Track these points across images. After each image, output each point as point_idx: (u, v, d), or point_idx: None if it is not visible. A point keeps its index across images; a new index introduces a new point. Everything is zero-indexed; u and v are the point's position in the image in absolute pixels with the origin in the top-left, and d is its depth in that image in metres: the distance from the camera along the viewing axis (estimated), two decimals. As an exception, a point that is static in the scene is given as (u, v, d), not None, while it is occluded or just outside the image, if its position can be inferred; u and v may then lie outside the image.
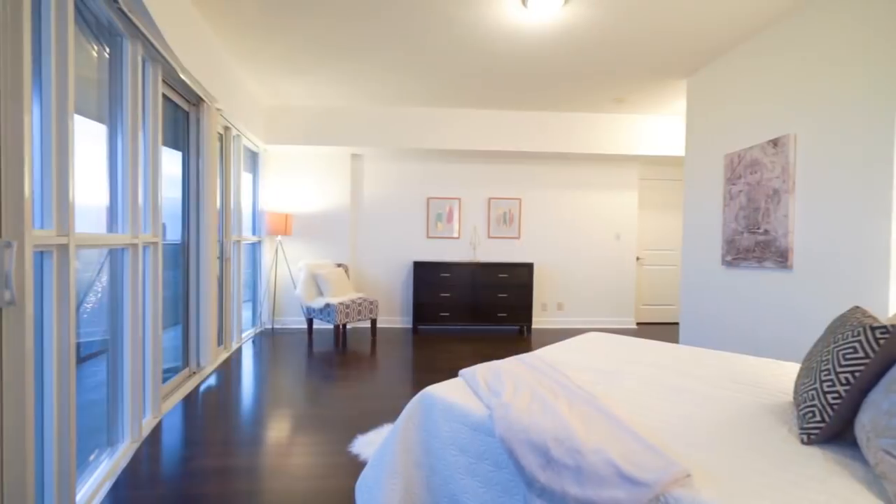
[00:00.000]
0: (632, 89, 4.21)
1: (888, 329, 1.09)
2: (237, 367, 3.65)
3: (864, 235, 2.30)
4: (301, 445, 2.24)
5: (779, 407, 1.45)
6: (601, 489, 1.02)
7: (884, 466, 0.95)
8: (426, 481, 1.47)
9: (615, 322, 5.65)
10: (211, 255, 3.18)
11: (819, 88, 2.58)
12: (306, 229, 5.27)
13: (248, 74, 3.99)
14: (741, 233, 3.14)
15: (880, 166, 2.21)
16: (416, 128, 4.94)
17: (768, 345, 2.92)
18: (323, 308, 4.50)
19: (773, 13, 2.80)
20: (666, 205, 5.87)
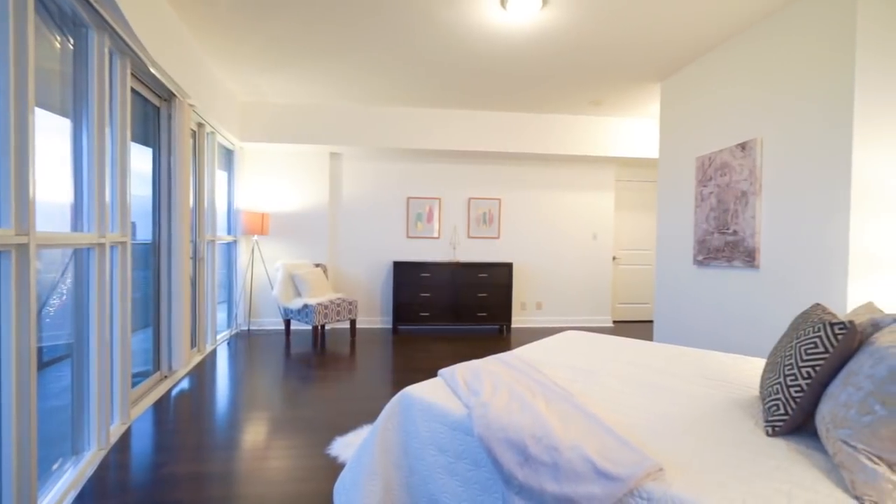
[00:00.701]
0: (608, 92, 4.29)
1: (846, 325, 1.15)
2: (211, 369, 3.56)
3: (824, 235, 2.41)
4: (278, 449, 2.20)
5: (746, 401, 1.51)
6: (577, 485, 1.04)
7: (841, 456, 0.99)
8: (405, 482, 1.46)
9: (593, 320, 5.76)
10: (184, 255, 3.09)
11: (783, 95, 2.69)
12: (284, 229, 5.18)
13: (223, 70, 3.89)
14: (712, 233, 3.24)
15: (839, 169, 2.32)
16: (396, 127, 4.91)
17: (737, 341, 3.03)
18: (301, 309, 4.43)
19: (741, 23, 2.90)
20: (641, 206, 6.02)
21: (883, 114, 2.25)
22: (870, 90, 2.24)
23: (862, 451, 0.95)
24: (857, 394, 1.02)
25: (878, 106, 2.25)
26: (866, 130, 2.25)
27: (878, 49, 2.24)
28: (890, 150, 2.25)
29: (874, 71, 2.24)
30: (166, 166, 3.10)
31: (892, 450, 0.92)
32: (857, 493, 0.93)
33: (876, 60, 2.24)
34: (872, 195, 2.26)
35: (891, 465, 0.92)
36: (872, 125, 2.25)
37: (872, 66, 2.24)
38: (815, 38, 2.48)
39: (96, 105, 2.12)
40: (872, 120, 2.25)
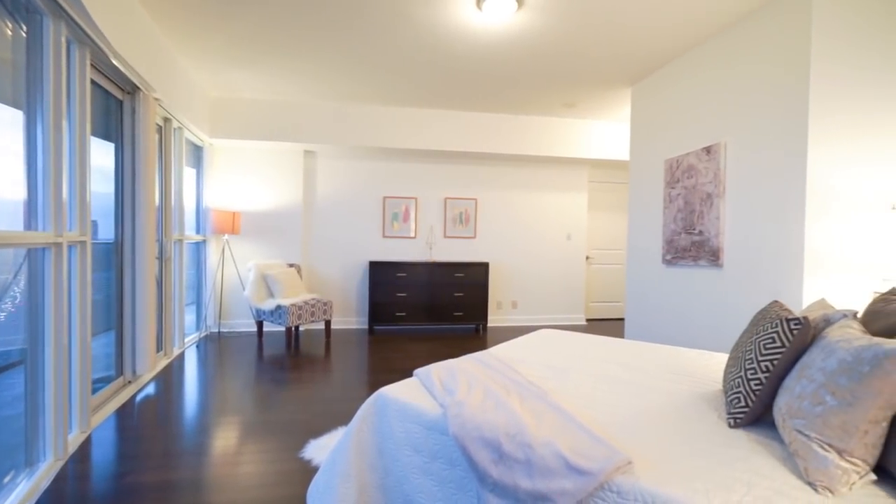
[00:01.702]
0: (581, 95, 4.38)
1: (800, 321, 1.21)
2: (179, 373, 3.44)
3: (781, 236, 2.53)
4: (249, 454, 2.15)
5: (710, 395, 1.57)
6: (550, 481, 1.06)
7: (796, 445, 1.05)
8: (380, 483, 1.45)
9: (567, 319, 5.87)
10: (149, 255, 2.97)
11: (744, 102, 2.81)
12: (256, 228, 5.05)
13: (192, 64, 3.76)
14: (679, 233, 3.36)
15: (795, 173, 2.45)
16: (372, 126, 4.87)
17: (702, 337, 3.15)
18: (274, 310, 4.34)
19: (706, 32, 3.02)
20: (613, 206, 6.18)
21: (835, 121, 2.38)
22: (823, 99, 2.37)
23: (814, 440, 1.01)
24: (810, 386, 1.08)
25: (830, 114, 2.38)
26: (819, 137, 2.37)
27: (830, 61, 2.37)
28: (840, 156, 2.38)
29: (827, 81, 2.37)
30: (130, 162, 2.97)
31: (842, 437, 0.98)
32: (810, 479, 0.98)
33: (829, 72, 2.37)
34: (825, 198, 2.39)
35: (840, 452, 0.97)
36: (825, 132, 2.38)
37: (825, 76, 2.37)
38: (773, 50, 2.61)
39: (52, 97, 2.01)
40: (825, 127, 2.38)
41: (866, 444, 0.96)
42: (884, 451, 0.98)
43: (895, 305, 1.35)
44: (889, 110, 2.40)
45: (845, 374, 1.01)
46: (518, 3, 2.71)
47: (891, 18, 2.38)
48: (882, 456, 0.99)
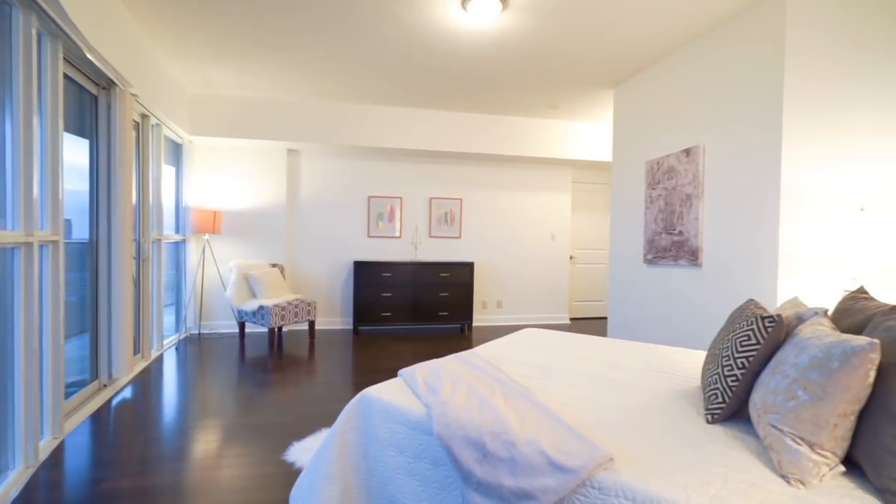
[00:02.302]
0: (565, 97, 4.43)
1: (774, 319, 1.25)
2: (157, 376, 3.36)
3: (757, 236, 2.61)
4: (231, 457, 2.11)
5: (689, 391, 1.60)
6: (533, 478, 1.07)
7: (770, 439, 1.08)
8: (364, 484, 1.44)
9: (551, 318, 5.93)
10: (125, 255, 2.89)
11: (723, 105, 2.88)
12: (237, 227, 4.96)
13: (171, 58, 3.67)
14: (660, 234, 3.42)
15: (770, 176, 2.52)
16: (356, 124, 4.83)
17: (682, 335, 3.22)
18: (256, 310, 4.27)
19: (686, 37, 3.08)
20: (596, 207, 6.26)
21: (807, 125, 2.46)
22: (796, 104, 2.45)
23: (787, 434, 1.04)
24: (783, 381, 1.11)
25: (802, 118, 2.46)
26: (793, 140, 2.45)
27: (803, 67, 2.45)
28: (812, 158, 2.47)
29: (799, 87, 2.45)
30: (105, 159, 2.89)
31: (813, 431, 1.01)
32: (783, 472, 1.01)
33: (801, 77, 2.45)
34: (798, 199, 2.47)
35: (811, 445, 1.01)
36: (798, 135, 2.46)
37: (798, 83, 2.45)
38: (749, 55, 2.68)
39: (22, 91, 1.94)
40: (798, 130, 2.46)
41: (836, 438, 1.00)
42: (852, 444, 1.02)
43: (862, 303, 1.41)
44: (858, 114, 2.49)
45: (816, 370, 1.04)
46: (503, 5, 2.72)
47: (860, 28, 2.47)
48: (850, 448, 1.02)
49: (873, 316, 1.25)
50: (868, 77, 2.49)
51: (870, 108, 2.49)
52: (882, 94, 2.50)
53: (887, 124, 2.51)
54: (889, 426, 0.94)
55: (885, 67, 2.50)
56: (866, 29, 2.47)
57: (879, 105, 2.50)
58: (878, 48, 2.49)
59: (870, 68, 2.49)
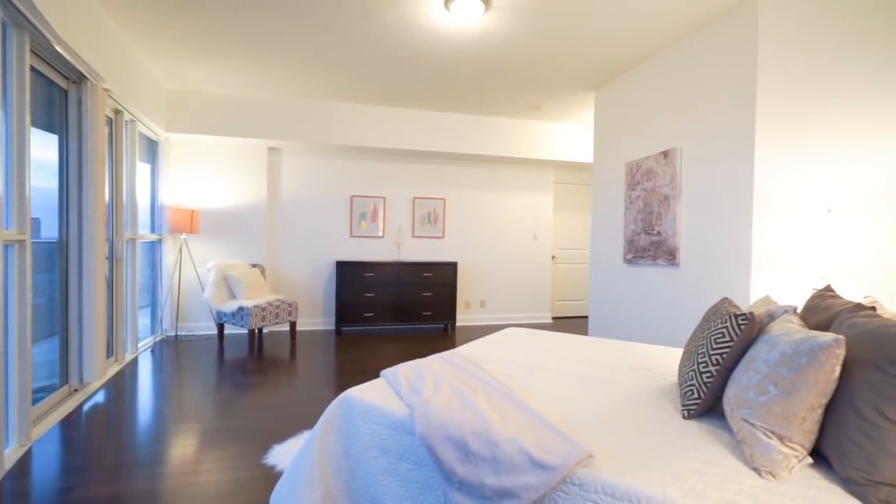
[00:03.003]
0: (547, 98, 4.48)
1: (747, 316, 1.29)
2: (132, 380, 3.26)
3: (732, 236, 2.69)
4: (209, 462, 2.06)
5: (667, 388, 1.64)
6: (515, 476, 1.08)
7: (743, 433, 1.11)
8: (346, 486, 1.43)
9: (533, 317, 5.98)
10: (98, 255, 2.80)
11: (699, 109, 2.96)
12: (216, 227, 4.86)
13: (146, 53, 3.57)
14: (639, 234, 3.49)
15: (743, 177, 2.60)
16: (339, 123, 4.79)
17: (661, 333, 3.29)
18: (236, 311, 4.18)
19: (664, 41, 3.15)
20: (578, 207, 6.35)
21: (778, 129, 2.54)
22: (768, 108, 2.53)
23: (759, 428, 1.07)
24: (755, 377, 1.15)
25: (774, 122, 2.54)
26: (765, 143, 2.53)
27: (775, 73, 2.53)
28: (783, 161, 2.55)
29: (772, 92, 2.53)
30: (77, 156, 2.79)
31: (783, 425, 1.05)
32: (755, 465, 1.05)
33: (774, 84, 2.53)
34: (770, 200, 2.55)
35: (781, 438, 1.04)
36: (770, 139, 2.54)
37: (770, 88, 2.53)
38: (724, 60, 2.76)
39: (-14, 84, 1.86)
40: (770, 134, 2.54)
41: (804, 431, 1.04)
42: (819, 436, 1.06)
43: (829, 301, 1.46)
44: (825, 119, 2.58)
45: (786, 366, 1.08)
46: (485, 6, 2.73)
47: (828, 36, 2.57)
48: (817, 440, 1.07)
49: (839, 313, 1.30)
50: (835, 82, 2.59)
51: (837, 112, 2.59)
52: (848, 98, 2.60)
53: (853, 126, 2.61)
54: (853, 419, 0.98)
55: (851, 73, 2.60)
56: (834, 38, 2.57)
57: (846, 109, 2.60)
58: (845, 55, 2.59)
59: (837, 74, 2.59)
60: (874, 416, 0.94)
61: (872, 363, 0.99)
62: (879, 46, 2.61)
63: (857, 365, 1.02)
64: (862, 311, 1.21)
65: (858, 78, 2.61)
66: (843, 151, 2.60)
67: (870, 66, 2.61)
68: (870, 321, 1.11)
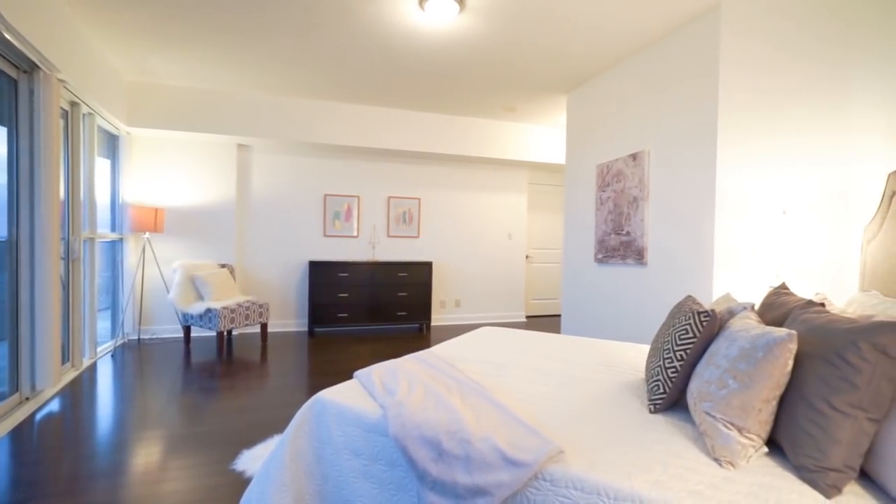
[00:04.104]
0: (521, 100, 4.54)
1: (709, 313, 1.34)
2: (90, 386, 3.10)
3: (696, 236, 2.80)
4: (174, 469, 1.99)
5: (634, 383, 1.69)
6: (487, 474, 1.09)
7: (705, 425, 1.16)
8: (318, 490, 1.41)
9: (508, 316, 6.05)
10: (52, 256, 2.65)
11: (665, 113, 3.06)
12: (182, 226, 4.68)
13: (105, 43, 3.40)
14: (609, 234, 3.59)
15: (706, 180, 2.71)
16: (312, 120, 4.70)
17: (630, 330, 3.39)
18: (203, 313, 4.05)
19: (633, 47, 3.25)
20: (551, 207, 6.46)
21: (738, 134, 2.66)
22: (728, 113, 2.65)
23: (719, 420, 1.12)
24: (716, 371, 1.20)
25: (734, 126, 2.66)
26: (726, 147, 2.65)
27: (735, 81, 2.65)
28: (742, 165, 2.67)
29: (732, 97, 2.65)
30: (28, 150, 2.63)
31: (741, 416, 1.10)
32: (715, 455, 1.09)
33: (734, 88, 2.65)
34: (730, 202, 2.67)
35: (740, 429, 1.09)
36: (731, 143, 2.66)
37: (731, 95, 2.65)
38: (688, 67, 2.86)
39: (-76, 72, 1.73)
40: (731, 139, 2.66)
41: (760, 422, 1.09)
42: (773, 427, 1.12)
43: (784, 298, 1.54)
44: (782, 124, 2.72)
45: (744, 360, 1.13)
46: (460, 6, 2.74)
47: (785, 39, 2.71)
48: (772, 431, 1.12)
49: (792, 310, 1.37)
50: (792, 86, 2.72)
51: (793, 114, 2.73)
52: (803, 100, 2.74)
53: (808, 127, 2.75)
54: (804, 409, 1.04)
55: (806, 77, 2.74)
56: (790, 44, 2.71)
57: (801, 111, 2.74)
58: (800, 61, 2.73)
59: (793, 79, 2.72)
60: (823, 406, 1.00)
61: (821, 356, 1.05)
62: (832, 52, 2.76)
63: (807, 358, 1.08)
64: (812, 307, 1.28)
65: (813, 82, 2.75)
66: (799, 152, 2.74)
67: (823, 70, 2.76)
68: (819, 317, 1.17)
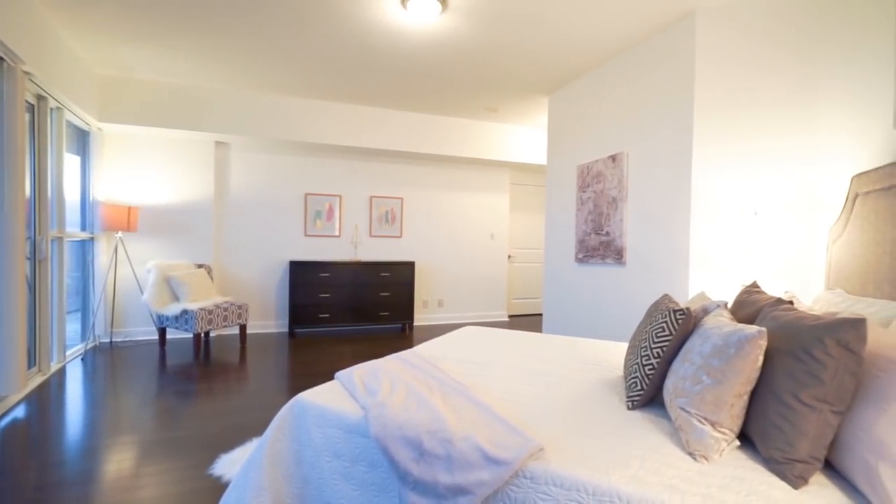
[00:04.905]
0: (503, 101, 4.57)
1: (684, 311, 1.38)
2: (58, 392, 2.99)
3: (672, 236, 2.87)
4: (149, 476, 1.93)
5: (613, 381, 1.73)
6: (469, 473, 1.09)
7: (680, 420, 1.19)
8: (298, 493, 1.39)
9: (490, 315, 6.08)
10: (16, 255, 2.54)
11: (644, 116, 3.13)
12: (157, 225, 4.55)
13: (74, 35, 3.28)
14: (589, 234, 3.64)
15: (682, 181, 2.78)
16: (293, 118, 4.63)
17: (609, 328, 3.45)
18: (179, 315, 3.94)
19: (613, 50, 3.31)
20: (533, 208, 6.52)
21: (713, 137, 2.74)
22: (704, 116, 2.72)
23: (694, 415, 1.15)
24: (690, 368, 1.23)
25: (710, 129, 2.73)
26: (701, 149, 2.72)
27: (709, 85, 2.73)
28: (716, 167, 2.75)
29: (707, 100, 2.73)
30: (-10, 146, 2.51)
31: (714, 411, 1.13)
32: (690, 449, 1.12)
33: (708, 95, 2.73)
34: (705, 203, 2.74)
35: (713, 424, 1.12)
36: (705, 146, 2.73)
37: (706, 99, 2.72)
38: (665, 70, 2.93)
39: None
40: (705, 142, 2.73)
41: (732, 416, 1.13)
42: (745, 421, 1.16)
43: (755, 297, 1.60)
44: (754, 126, 2.81)
45: (717, 356, 1.17)
46: (442, 6, 2.74)
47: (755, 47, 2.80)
48: (744, 425, 1.16)
49: (763, 307, 1.42)
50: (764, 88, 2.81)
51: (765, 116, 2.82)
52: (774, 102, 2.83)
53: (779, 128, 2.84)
54: (774, 403, 1.08)
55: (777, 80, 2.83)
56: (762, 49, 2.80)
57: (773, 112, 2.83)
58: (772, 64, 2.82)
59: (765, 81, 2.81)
60: (791, 400, 1.04)
61: (789, 352, 1.09)
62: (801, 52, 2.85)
63: (777, 354, 1.12)
64: (781, 305, 1.33)
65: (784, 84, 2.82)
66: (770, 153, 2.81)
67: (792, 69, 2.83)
68: (787, 314, 1.22)
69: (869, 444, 0.94)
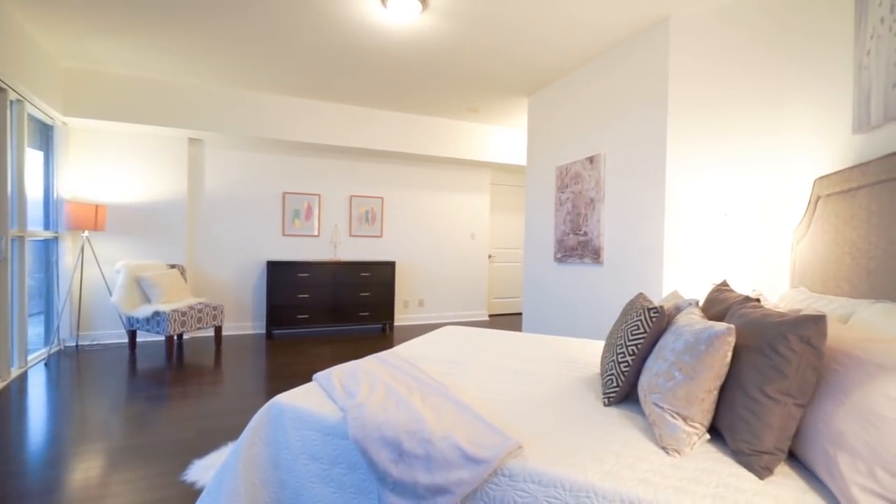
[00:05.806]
0: (483, 101, 4.59)
1: (658, 310, 1.42)
2: (19, 398, 2.85)
3: (647, 236, 2.94)
4: (118, 484, 1.86)
5: (591, 378, 1.76)
6: (448, 472, 1.10)
7: (654, 416, 1.22)
8: (275, 497, 1.36)
9: (470, 315, 6.11)
10: (-27, 256, 2.41)
11: (620, 118, 3.20)
12: (126, 224, 4.39)
13: (36, 25, 3.13)
14: (568, 234, 3.70)
15: (657, 182, 2.85)
16: (270, 115, 4.54)
17: (587, 327, 3.52)
18: (150, 317, 3.82)
19: (591, 53, 3.37)
20: (513, 208, 6.58)
21: (685, 139, 2.82)
22: (677, 118, 2.80)
23: (667, 410, 1.19)
24: (664, 364, 1.26)
25: (683, 131, 2.82)
26: (674, 151, 2.80)
27: (684, 89, 2.81)
28: (689, 169, 2.84)
29: (681, 105, 2.81)
30: (-57, 140, 2.38)
31: (686, 406, 1.16)
32: (663, 444, 1.15)
33: (682, 98, 2.81)
34: (679, 203, 2.82)
35: (685, 418, 1.16)
36: (679, 147, 2.81)
37: (679, 101, 2.80)
38: (640, 74, 3.01)
39: None
40: (678, 144, 2.81)
41: (703, 410, 1.16)
42: (715, 415, 1.20)
43: (725, 295, 1.65)
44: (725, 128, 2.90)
45: (688, 353, 1.20)
46: (423, 5, 2.74)
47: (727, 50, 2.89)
48: (714, 419, 1.20)
49: (731, 305, 1.47)
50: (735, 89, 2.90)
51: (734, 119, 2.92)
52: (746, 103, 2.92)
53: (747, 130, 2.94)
54: (741, 397, 1.12)
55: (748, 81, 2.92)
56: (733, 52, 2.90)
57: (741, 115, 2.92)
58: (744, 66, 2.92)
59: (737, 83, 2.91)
60: (757, 394, 1.08)
61: (756, 348, 1.13)
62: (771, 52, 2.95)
63: (744, 350, 1.17)
64: (749, 303, 1.38)
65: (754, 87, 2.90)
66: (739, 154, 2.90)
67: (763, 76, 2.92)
68: (754, 312, 1.27)
69: (828, 434, 0.98)
